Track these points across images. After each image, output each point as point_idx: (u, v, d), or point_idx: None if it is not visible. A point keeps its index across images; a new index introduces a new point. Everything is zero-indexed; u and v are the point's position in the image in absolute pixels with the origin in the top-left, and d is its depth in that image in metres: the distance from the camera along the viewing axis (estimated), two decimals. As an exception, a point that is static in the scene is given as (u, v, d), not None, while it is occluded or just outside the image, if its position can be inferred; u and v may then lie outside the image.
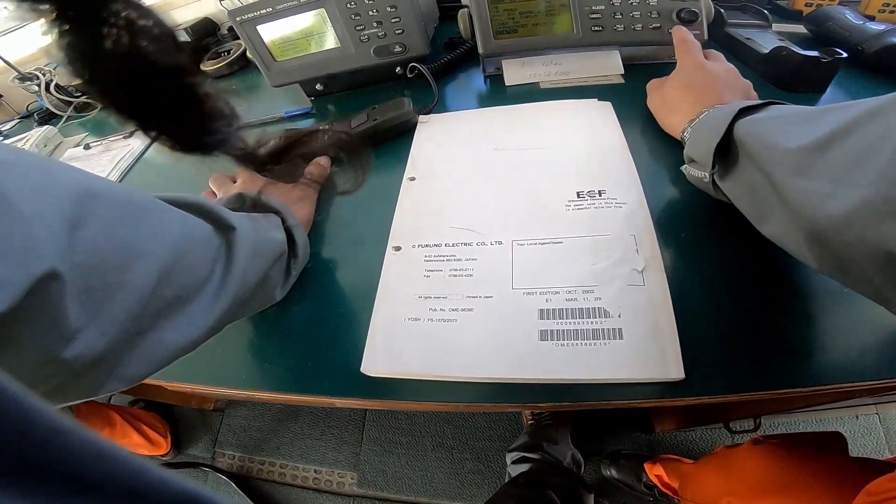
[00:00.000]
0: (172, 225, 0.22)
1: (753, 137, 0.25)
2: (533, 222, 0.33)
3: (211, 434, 1.02)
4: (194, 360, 0.26)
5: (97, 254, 0.18)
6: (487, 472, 0.85)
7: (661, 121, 0.39)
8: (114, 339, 0.19)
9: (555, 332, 0.28)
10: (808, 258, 0.22)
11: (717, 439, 0.83)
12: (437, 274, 0.32)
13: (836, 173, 0.19)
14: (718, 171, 0.29)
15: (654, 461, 0.74)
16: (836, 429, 0.82)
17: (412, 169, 0.41)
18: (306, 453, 0.94)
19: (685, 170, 0.33)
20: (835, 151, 0.20)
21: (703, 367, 0.26)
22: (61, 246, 0.16)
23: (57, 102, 0.81)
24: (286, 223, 0.33)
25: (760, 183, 0.25)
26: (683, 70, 0.38)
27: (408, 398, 0.29)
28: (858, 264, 0.19)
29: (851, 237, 0.18)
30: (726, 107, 0.29)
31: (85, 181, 0.19)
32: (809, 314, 0.27)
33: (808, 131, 0.22)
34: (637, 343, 0.26)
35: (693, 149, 0.31)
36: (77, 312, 0.17)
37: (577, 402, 0.27)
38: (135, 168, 0.60)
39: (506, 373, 0.27)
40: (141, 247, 0.20)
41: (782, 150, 0.22)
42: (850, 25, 0.48)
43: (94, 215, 0.18)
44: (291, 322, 0.33)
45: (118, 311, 0.19)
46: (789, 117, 0.25)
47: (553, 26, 0.47)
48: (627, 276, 0.29)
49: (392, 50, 0.50)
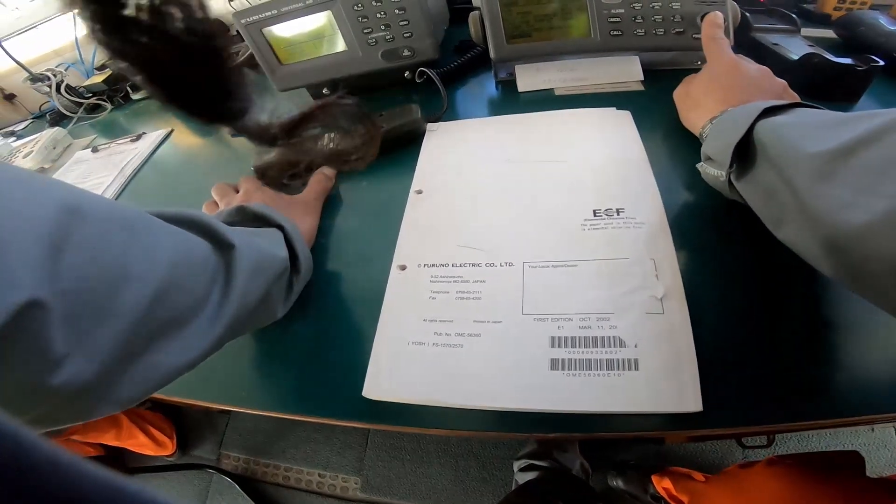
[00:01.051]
0: (167, 245, 0.21)
1: (775, 139, 0.25)
2: (546, 243, 0.32)
3: (217, 435, 1.02)
4: (194, 376, 0.25)
5: (83, 279, 0.17)
6: (492, 480, 0.84)
7: (683, 115, 0.38)
8: (104, 365, 0.18)
9: (566, 361, 0.26)
10: (824, 266, 0.22)
11: (727, 452, 0.81)
12: (443, 296, 0.31)
13: (859, 181, 0.19)
14: (736, 170, 0.28)
15: (662, 473, 0.72)
16: (850, 440, 0.81)
17: (419, 181, 0.39)
18: (311, 457, 0.95)
19: (701, 167, 0.32)
20: (859, 159, 0.19)
21: (722, 398, 0.24)
22: (43, 272, 0.15)
23: (67, 103, 0.81)
24: (289, 238, 0.32)
25: (778, 186, 0.24)
26: (714, 67, 0.36)
27: (410, 424, 0.28)
28: (877, 276, 0.18)
29: (871, 249, 0.18)
30: (749, 105, 0.28)
31: (69, 198, 0.18)
32: (833, 345, 0.26)
33: (832, 136, 0.21)
34: (653, 374, 0.25)
35: (711, 146, 0.30)
36: (63, 339, 0.16)
37: (587, 433, 0.26)
38: (142, 171, 0.60)
39: (513, 402, 0.26)
40: (132, 270, 0.19)
41: (804, 154, 0.22)
42: (884, 31, 0.45)
43: (80, 237, 0.17)
44: (293, 340, 0.33)
45: (107, 336, 0.18)
46: (814, 122, 0.24)
47: (569, 30, 0.45)
48: (646, 303, 0.27)
49: (400, 54, 0.48)
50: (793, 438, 0.82)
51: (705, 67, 0.38)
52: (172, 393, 0.32)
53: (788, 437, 0.82)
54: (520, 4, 0.45)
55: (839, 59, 0.40)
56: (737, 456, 0.80)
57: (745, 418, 0.24)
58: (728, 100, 0.33)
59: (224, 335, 0.24)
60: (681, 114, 0.38)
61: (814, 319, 0.27)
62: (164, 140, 0.64)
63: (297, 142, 0.28)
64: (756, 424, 0.25)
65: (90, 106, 0.82)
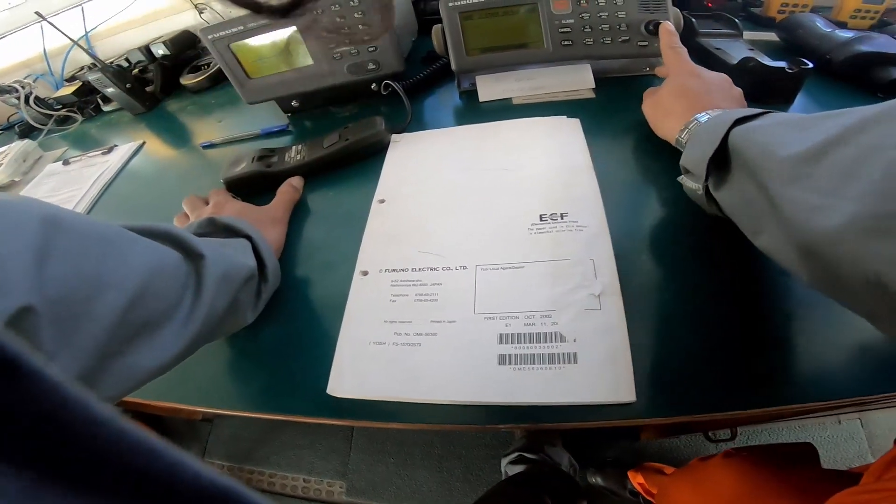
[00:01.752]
0: (140, 255, 0.23)
1: (748, 145, 0.25)
2: (497, 247, 0.33)
3: (200, 443, 1.02)
4: (170, 379, 0.27)
5: (65, 287, 0.19)
6: (476, 481, 0.86)
7: (656, 126, 0.38)
8: (85, 364, 0.20)
9: (513, 356, 0.28)
10: (802, 273, 0.22)
11: (699, 446, 0.84)
12: (402, 299, 0.32)
13: (827, 184, 0.18)
14: (713, 182, 0.28)
15: (637, 469, 0.74)
16: (818, 433, 0.84)
17: (382, 191, 0.41)
18: (295, 463, 0.95)
19: (681, 180, 0.33)
20: (826, 161, 0.19)
21: (657, 390, 0.26)
22: (32, 281, 0.17)
23: (37, 115, 0.81)
24: (257, 247, 0.33)
25: (754, 193, 0.24)
26: (678, 76, 0.37)
27: (373, 419, 0.29)
28: (849, 281, 0.18)
29: (841, 254, 0.17)
30: (722, 115, 0.29)
31: (49, 214, 0.20)
32: (765, 335, 0.27)
33: (802, 139, 0.21)
34: (591, 367, 0.27)
35: (688, 159, 0.30)
36: (51, 340, 0.18)
37: (535, 423, 0.27)
38: (115, 184, 0.60)
39: (467, 396, 0.28)
40: (108, 278, 0.21)
41: (776, 158, 0.22)
42: (820, 34, 0.48)
43: (61, 249, 0.19)
44: (262, 343, 0.34)
45: (87, 338, 0.20)
46: (785, 124, 0.24)
47: (525, 41, 0.47)
48: (585, 300, 0.29)
49: (366, 67, 0.50)
50: (763, 432, 0.84)
51: (669, 77, 0.39)
52: (150, 396, 0.33)
53: (758, 432, 0.83)
54: (477, 18, 0.47)
55: (772, 63, 0.42)
56: (709, 449, 0.81)
57: (678, 409, 0.26)
58: (697, 106, 0.33)
59: (196, 338, 0.26)
60: (653, 125, 0.39)
61: (746, 311, 0.28)
62: (135, 152, 0.65)
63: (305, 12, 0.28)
64: (689, 414, 0.26)
65: (60, 118, 0.81)
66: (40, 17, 0.65)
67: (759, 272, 0.30)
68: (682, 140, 0.33)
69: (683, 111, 0.34)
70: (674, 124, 0.35)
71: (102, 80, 0.70)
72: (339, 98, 0.56)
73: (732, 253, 0.31)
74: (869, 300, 0.18)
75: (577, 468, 0.80)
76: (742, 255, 0.30)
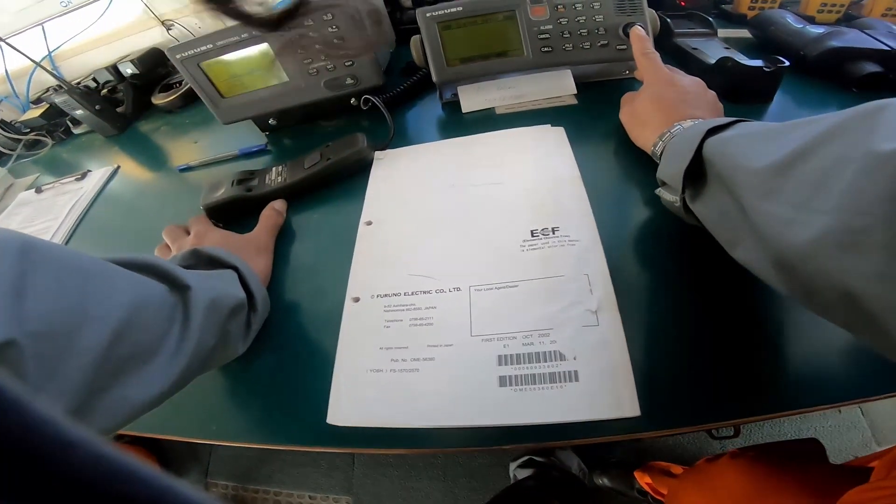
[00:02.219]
0: (124, 288, 0.23)
1: (722, 157, 0.25)
2: (489, 266, 0.33)
3: (201, 465, 1.00)
4: (164, 412, 0.26)
5: (46, 320, 0.19)
6: (482, 489, 0.85)
7: (632, 135, 0.38)
8: (73, 398, 0.19)
9: (513, 377, 0.28)
10: (779, 285, 0.22)
11: (702, 443, 0.84)
12: (397, 324, 0.32)
13: (798, 197, 0.18)
14: (689, 194, 0.28)
15: (643, 469, 0.74)
16: (819, 423, 0.84)
17: (368, 212, 0.40)
18: (299, 480, 0.93)
19: (659, 193, 0.33)
20: (795, 173, 0.19)
21: (661, 402, 0.26)
22: (12, 315, 0.17)
23: (4, 140, 0.77)
24: (244, 278, 0.32)
25: (729, 205, 0.24)
26: (653, 85, 0.37)
27: (375, 446, 0.29)
28: (823, 294, 0.18)
29: (813, 268, 0.17)
30: (695, 126, 0.29)
31: (26, 246, 0.19)
32: (762, 342, 0.28)
33: (772, 149, 0.21)
34: (592, 384, 0.27)
35: (664, 172, 0.31)
36: (36, 375, 0.18)
37: (538, 442, 0.27)
38: (91, 212, 0.58)
39: (468, 420, 0.27)
40: (91, 311, 0.21)
41: (749, 171, 0.21)
42: (791, 30, 0.49)
43: (39, 283, 0.19)
44: (256, 374, 0.33)
45: (73, 372, 0.19)
46: (756, 134, 0.24)
47: (505, 49, 0.47)
48: (581, 317, 0.29)
49: (343, 82, 0.49)
50: (765, 425, 0.83)
51: (645, 86, 0.39)
52: (146, 429, 0.33)
53: (760, 425, 0.83)
54: (455, 27, 0.46)
55: (750, 62, 0.42)
56: (714, 446, 0.82)
57: (683, 419, 0.26)
58: (672, 115, 0.33)
59: (186, 371, 0.25)
60: (630, 134, 0.39)
61: (743, 318, 0.28)
62: (110, 177, 0.62)
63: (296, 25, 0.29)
64: (694, 424, 0.26)
65: (29, 142, 0.77)
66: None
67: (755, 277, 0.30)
68: (657, 152, 0.33)
69: (659, 122, 0.34)
70: (650, 135, 0.35)
71: (70, 102, 0.67)
72: (318, 114, 0.55)
73: (727, 258, 0.31)
74: (842, 313, 0.18)
75: (586, 472, 0.79)
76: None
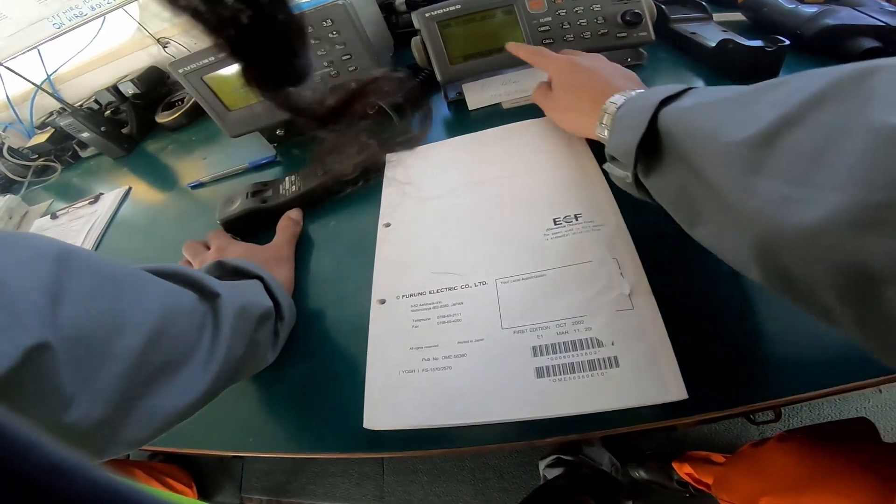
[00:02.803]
0: (155, 295, 0.23)
1: (682, 128, 0.23)
2: (513, 258, 0.33)
3: (234, 480, 1.00)
4: (200, 426, 0.27)
5: (80, 326, 0.19)
6: (513, 489, 0.84)
7: (568, 127, 0.37)
8: (108, 405, 0.20)
9: (550, 367, 0.27)
10: (749, 268, 0.20)
11: (740, 429, 0.81)
12: (425, 323, 0.31)
13: (791, 172, 0.17)
14: (641, 168, 0.26)
15: (681, 459, 0.72)
16: (860, 403, 0.81)
17: (386, 214, 0.40)
18: (331, 491, 0.94)
19: (608, 168, 0.31)
20: (783, 144, 0.17)
21: (706, 383, 0.25)
22: (47, 319, 0.17)
23: (14, 167, 0.77)
24: (269, 287, 0.33)
25: (689, 180, 0.22)
26: (559, 74, 0.36)
27: (413, 448, 0.29)
28: (811, 278, 0.17)
29: (819, 248, 0.16)
30: (641, 97, 0.27)
31: (63, 252, 0.20)
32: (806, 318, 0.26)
33: (747, 119, 0.19)
34: (634, 368, 0.26)
35: (613, 147, 0.28)
36: (70, 380, 0.18)
37: (583, 433, 0.27)
38: (107, 234, 0.59)
39: (506, 414, 0.27)
40: (124, 318, 0.21)
41: (722, 144, 0.20)
42: (784, 10, 0.49)
43: (74, 288, 0.19)
44: (288, 383, 0.33)
45: (107, 378, 0.20)
46: (720, 102, 0.22)
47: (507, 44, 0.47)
48: (615, 301, 0.28)
49: (349, 87, 0.49)
50: (803, 409, 0.80)
51: (553, 79, 0.38)
52: (184, 445, 0.33)
53: (798, 409, 0.80)
54: (454, 26, 0.46)
55: (750, 43, 0.42)
56: (752, 432, 0.80)
57: (731, 400, 0.25)
58: (598, 95, 0.31)
59: (217, 379, 0.25)
60: (566, 127, 0.38)
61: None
62: (123, 199, 0.63)
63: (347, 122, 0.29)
64: (742, 405, 0.25)
65: (39, 168, 0.78)
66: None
67: None
68: (603, 136, 0.31)
69: (589, 105, 0.32)
70: (585, 121, 0.33)
71: (75, 125, 0.68)
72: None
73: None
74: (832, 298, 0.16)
75: (618, 467, 0.78)
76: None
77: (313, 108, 0.28)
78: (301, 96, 0.26)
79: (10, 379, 0.15)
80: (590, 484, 0.61)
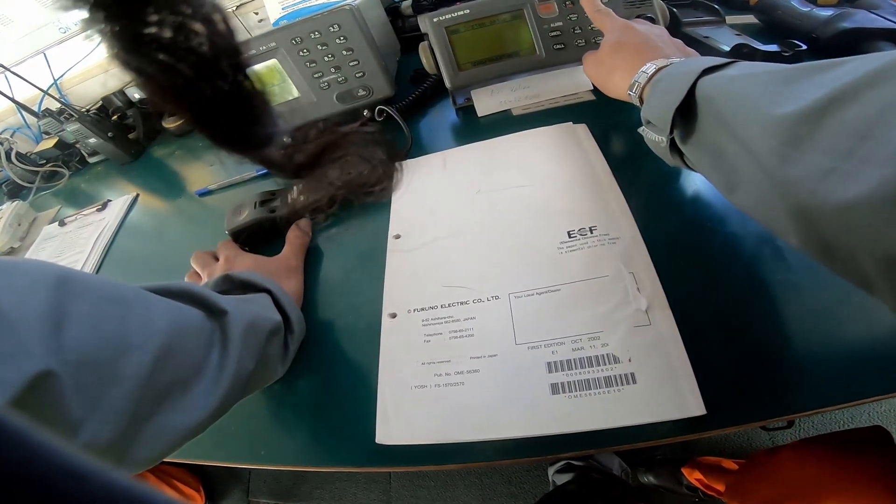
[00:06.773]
0: (161, 315, 0.23)
1: (723, 97, 0.23)
2: (527, 272, 0.32)
3: (242, 484, 1.01)
4: (212, 439, 0.27)
5: (85, 350, 0.19)
6: (521, 494, 0.84)
7: (602, 85, 0.37)
8: (118, 426, 0.20)
9: (566, 384, 0.27)
10: (788, 234, 0.20)
11: (751, 436, 0.81)
12: (437, 338, 0.31)
13: (838, 146, 0.17)
14: (678, 134, 0.27)
15: (691, 465, 0.72)
16: (873, 409, 0.80)
17: (395, 225, 0.40)
18: (339, 495, 0.94)
19: (642, 132, 0.31)
20: (833, 121, 0.17)
21: (724, 398, 0.25)
22: (50, 345, 0.17)
23: (22, 172, 0.77)
24: (278, 300, 0.32)
25: (729, 146, 0.23)
26: (612, 32, 0.36)
27: (427, 463, 0.28)
28: (852, 250, 0.17)
29: (861, 221, 0.16)
30: (684, 64, 0.27)
31: (63, 277, 0.20)
32: (820, 331, 0.26)
33: (796, 94, 0.19)
34: (652, 385, 0.26)
35: (651, 110, 0.29)
36: (78, 404, 0.18)
37: (599, 448, 0.26)
38: (115, 242, 0.58)
39: (521, 430, 0.26)
40: (130, 339, 0.21)
41: (767, 117, 0.20)
42: (798, 13, 0.48)
43: (77, 312, 0.19)
44: (299, 396, 0.33)
45: (115, 400, 0.20)
46: (765, 75, 0.22)
47: (516, 49, 0.46)
48: (632, 317, 0.28)
49: (356, 94, 0.49)
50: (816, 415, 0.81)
51: (605, 36, 0.37)
52: (196, 457, 0.33)
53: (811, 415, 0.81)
54: (464, 30, 0.46)
55: (766, 47, 0.42)
56: (763, 438, 0.79)
57: (749, 415, 0.25)
58: (641, 56, 0.32)
59: (227, 395, 0.25)
60: (600, 86, 0.38)
61: (799, 308, 0.27)
62: (131, 206, 0.63)
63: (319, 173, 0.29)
64: (760, 419, 0.25)
65: (47, 174, 0.78)
66: (2, 68, 0.63)
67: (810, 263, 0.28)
68: (633, 94, 0.32)
69: (628, 65, 0.33)
70: (619, 81, 0.33)
71: (82, 131, 0.68)
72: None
73: (779, 245, 0.30)
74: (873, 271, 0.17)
75: (628, 471, 0.77)
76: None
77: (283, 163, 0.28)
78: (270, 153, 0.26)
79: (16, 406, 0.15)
80: (600, 489, 0.61)
